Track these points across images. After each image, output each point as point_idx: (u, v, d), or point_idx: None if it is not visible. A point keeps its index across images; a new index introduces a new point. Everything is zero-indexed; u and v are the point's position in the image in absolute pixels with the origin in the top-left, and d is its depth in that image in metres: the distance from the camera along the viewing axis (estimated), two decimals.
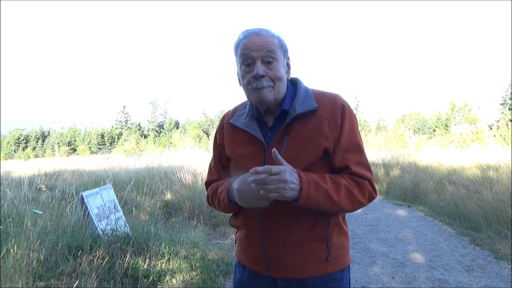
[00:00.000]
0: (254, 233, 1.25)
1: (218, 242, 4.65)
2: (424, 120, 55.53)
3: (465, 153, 11.36)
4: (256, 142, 1.24)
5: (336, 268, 1.23)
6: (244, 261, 1.34)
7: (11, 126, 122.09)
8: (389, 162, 11.99)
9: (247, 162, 1.22)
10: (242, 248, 1.35)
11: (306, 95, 1.24)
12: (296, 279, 1.22)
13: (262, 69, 1.16)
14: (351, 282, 3.48)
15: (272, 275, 1.25)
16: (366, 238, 5.09)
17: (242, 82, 1.23)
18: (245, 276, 1.33)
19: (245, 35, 1.20)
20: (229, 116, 1.36)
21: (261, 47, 1.16)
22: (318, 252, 1.21)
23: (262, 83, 1.16)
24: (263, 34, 1.18)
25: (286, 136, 1.20)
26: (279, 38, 1.22)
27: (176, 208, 6.04)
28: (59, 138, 73.79)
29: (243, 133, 1.27)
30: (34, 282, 2.52)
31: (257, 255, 1.26)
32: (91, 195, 3.89)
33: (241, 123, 1.28)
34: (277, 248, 1.21)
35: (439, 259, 4.06)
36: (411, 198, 8.25)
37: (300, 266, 1.21)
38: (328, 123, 1.19)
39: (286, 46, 1.25)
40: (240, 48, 1.20)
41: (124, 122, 75.83)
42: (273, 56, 1.17)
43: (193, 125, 64.04)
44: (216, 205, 1.34)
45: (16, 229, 2.84)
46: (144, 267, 3.13)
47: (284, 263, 1.21)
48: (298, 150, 1.18)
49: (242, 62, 1.20)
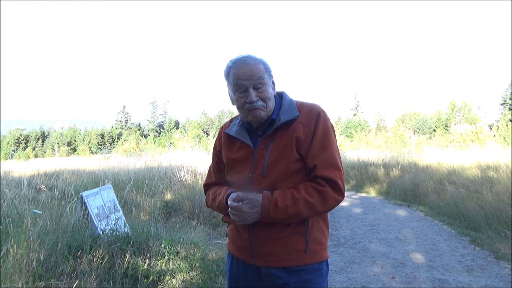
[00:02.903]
0: (242, 226, 1.42)
1: (218, 242, 4.64)
2: (424, 120, 55.48)
3: (465, 153, 11.33)
4: (246, 148, 1.44)
5: (314, 260, 1.39)
6: (233, 251, 1.51)
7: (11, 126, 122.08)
8: (389, 162, 11.96)
9: (238, 165, 1.44)
10: (231, 239, 1.52)
11: (290, 105, 1.43)
12: (277, 268, 1.38)
13: (255, 95, 1.37)
14: (351, 282, 3.48)
15: (256, 264, 1.41)
16: (366, 238, 5.09)
17: (236, 104, 1.42)
18: (234, 264, 1.50)
19: (233, 64, 1.39)
20: (226, 126, 1.58)
21: (251, 76, 1.36)
22: (297, 244, 1.37)
23: (257, 104, 1.37)
24: (250, 63, 1.37)
25: (272, 141, 1.40)
26: (263, 62, 1.41)
27: (176, 208, 6.04)
28: (59, 138, 73.71)
29: (235, 141, 1.49)
30: (34, 282, 2.52)
31: (244, 246, 1.43)
32: (91, 195, 3.88)
33: (234, 132, 1.49)
34: (261, 239, 1.39)
35: (439, 259, 4.06)
36: (411, 198, 8.24)
37: (281, 256, 1.37)
38: (303, 127, 1.38)
39: (270, 68, 1.44)
40: (232, 77, 1.38)
41: (124, 122, 75.77)
42: (262, 82, 1.37)
43: (193, 125, 64.02)
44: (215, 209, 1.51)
45: (16, 229, 2.84)
46: (144, 267, 3.13)
47: (267, 253, 1.38)
48: (279, 154, 1.36)
49: (236, 90, 1.39)
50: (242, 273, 1.46)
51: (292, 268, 1.37)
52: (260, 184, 1.37)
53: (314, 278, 1.39)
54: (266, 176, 1.36)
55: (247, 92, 1.36)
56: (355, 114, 68.23)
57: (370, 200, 8.82)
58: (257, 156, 1.40)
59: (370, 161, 13.17)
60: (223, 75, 1.45)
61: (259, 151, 1.40)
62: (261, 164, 1.38)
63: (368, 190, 10.68)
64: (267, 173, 1.36)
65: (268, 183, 1.36)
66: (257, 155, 1.40)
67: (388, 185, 10.12)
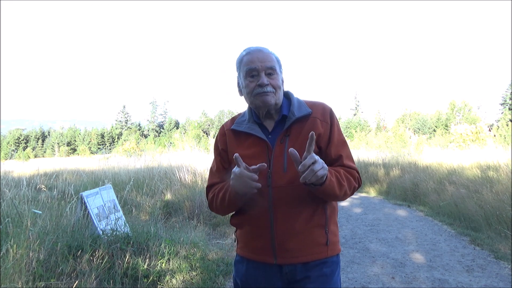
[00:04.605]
0: (263, 224, 1.38)
1: (218, 242, 4.64)
2: (424, 120, 55.49)
3: (465, 153, 11.34)
4: (260, 143, 1.41)
5: (333, 253, 1.42)
6: (248, 255, 1.45)
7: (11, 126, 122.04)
8: (389, 162, 11.95)
9: (251, 162, 1.35)
10: (245, 243, 1.47)
11: (299, 103, 1.47)
12: (301, 263, 1.37)
13: (266, 79, 1.38)
14: (351, 282, 3.48)
15: (278, 262, 1.37)
16: (366, 238, 5.09)
17: (245, 91, 1.42)
18: (250, 268, 1.44)
19: (248, 52, 1.42)
20: (228, 124, 1.54)
21: (264, 62, 1.38)
22: (318, 237, 1.39)
23: (266, 88, 1.37)
24: (264, 51, 1.42)
25: (287, 137, 1.40)
26: (276, 56, 1.45)
27: (176, 208, 6.04)
28: (59, 138, 73.69)
29: (245, 137, 1.45)
30: (34, 282, 2.52)
31: (264, 245, 1.39)
32: (91, 195, 3.88)
33: (244, 128, 1.45)
34: (285, 236, 1.36)
35: (439, 259, 4.05)
36: (411, 198, 8.23)
37: (304, 250, 1.37)
38: (321, 122, 1.43)
39: (281, 64, 1.48)
40: (245, 62, 1.41)
41: (124, 122, 75.76)
42: (274, 70, 1.40)
43: (193, 125, 63.97)
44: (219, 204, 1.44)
45: (16, 229, 2.84)
46: (144, 267, 3.13)
47: (290, 249, 1.36)
48: (299, 148, 1.31)
49: (247, 74, 1.40)
50: (262, 275, 1.41)
51: (314, 262, 1.37)
52: (281, 179, 1.35)
53: (333, 271, 1.41)
54: (286, 170, 1.36)
55: (259, 76, 1.38)
56: (355, 114, 68.24)
57: (370, 200, 8.82)
58: (276, 151, 1.38)
59: (370, 161, 13.16)
60: (235, 65, 1.47)
61: (276, 147, 1.39)
62: (280, 160, 1.37)
63: (368, 190, 10.68)
64: (287, 167, 1.36)
65: (289, 178, 1.35)
66: (276, 151, 1.38)
67: (388, 185, 10.12)
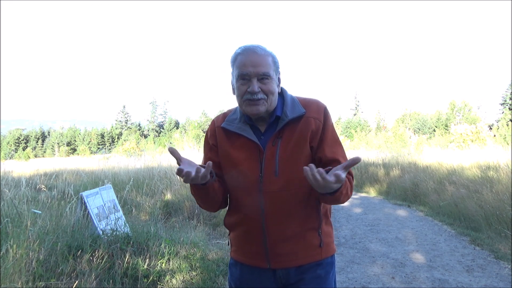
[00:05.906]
0: (255, 230, 1.34)
1: (218, 242, 4.64)
2: (424, 120, 55.48)
3: (465, 153, 11.35)
4: (251, 145, 1.34)
5: (327, 254, 1.39)
6: (242, 259, 1.42)
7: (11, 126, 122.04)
8: (389, 162, 11.96)
9: (241, 164, 1.34)
10: (239, 246, 1.44)
11: (293, 102, 1.37)
12: (294, 267, 1.35)
13: (257, 86, 1.29)
14: (351, 282, 3.48)
15: (271, 267, 1.35)
16: (366, 238, 5.09)
17: (237, 92, 1.33)
18: (244, 272, 1.42)
19: (242, 50, 1.32)
20: (219, 121, 1.44)
21: (257, 67, 1.28)
22: (312, 240, 1.36)
23: (257, 96, 1.29)
24: (259, 53, 1.30)
25: (279, 139, 1.33)
26: (273, 56, 1.34)
27: (176, 208, 6.03)
28: (59, 138, 73.69)
29: (236, 137, 1.37)
30: (34, 282, 2.52)
31: (257, 250, 1.36)
32: (91, 195, 3.88)
33: (235, 127, 1.37)
34: (277, 241, 1.33)
35: (439, 259, 4.05)
36: (411, 198, 8.24)
37: (298, 254, 1.34)
38: (314, 121, 1.35)
39: (278, 63, 1.37)
40: (238, 64, 1.31)
41: (124, 122, 75.74)
42: (268, 75, 1.30)
43: (193, 125, 63.90)
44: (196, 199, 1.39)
45: (16, 229, 2.84)
46: (144, 267, 3.13)
47: (283, 253, 1.33)
48: (291, 151, 1.32)
49: (239, 77, 1.31)
50: (256, 279, 1.39)
51: (308, 265, 1.35)
52: (273, 183, 1.31)
53: (327, 272, 1.39)
54: (278, 174, 1.31)
55: (250, 81, 1.29)
56: (355, 114, 68.25)
57: (370, 200, 8.82)
58: (267, 154, 1.32)
59: (370, 161, 13.16)
60: (230, 61, 1.37)
61: (268, 149, 1.32)
62: (272, 163, 1.31)
63: (368, 190, 10.69)
64: (279, 171, 1.31)
65: (281, 182, 1.31)
66: (267, 154, 1.32)
67: (388, 185, 10.12)
